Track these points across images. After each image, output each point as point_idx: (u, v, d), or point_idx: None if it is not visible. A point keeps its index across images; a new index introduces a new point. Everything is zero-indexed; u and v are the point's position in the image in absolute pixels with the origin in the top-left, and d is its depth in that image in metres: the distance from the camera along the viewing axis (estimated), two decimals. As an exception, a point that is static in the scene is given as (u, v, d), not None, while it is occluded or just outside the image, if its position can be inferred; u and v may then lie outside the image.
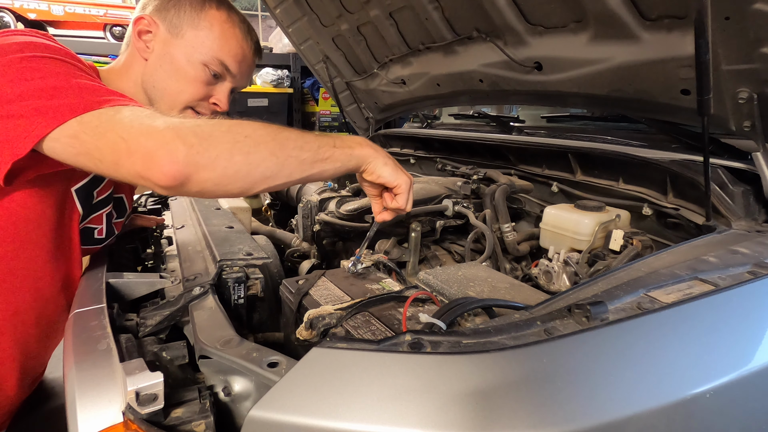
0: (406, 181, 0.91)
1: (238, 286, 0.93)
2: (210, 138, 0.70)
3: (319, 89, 3.95)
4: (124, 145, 0.68)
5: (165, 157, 0.67)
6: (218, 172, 0.70)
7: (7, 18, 4.27)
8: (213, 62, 1.03)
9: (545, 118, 2.11)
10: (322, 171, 0.80)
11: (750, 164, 1.08)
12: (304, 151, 0.78)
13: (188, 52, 1.02)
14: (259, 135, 0.74)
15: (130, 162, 0.68)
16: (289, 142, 0.77)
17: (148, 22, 1.01)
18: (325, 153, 0.80)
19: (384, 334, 0.72)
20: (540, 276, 1.15)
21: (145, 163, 0.68)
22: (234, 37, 1.05)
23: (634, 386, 0.56)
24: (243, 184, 0.74)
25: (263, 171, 0.74)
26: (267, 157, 0.74)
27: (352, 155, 0.85)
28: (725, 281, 0.72)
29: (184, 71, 1.02)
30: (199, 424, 0.57)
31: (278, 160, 0.75)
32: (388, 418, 0.50)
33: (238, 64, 1.07)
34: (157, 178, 0.68)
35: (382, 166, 0.88)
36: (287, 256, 1.41)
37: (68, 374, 0.66)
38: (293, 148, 0.77)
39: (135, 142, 0.68)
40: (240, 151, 0.72)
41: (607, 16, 1.16)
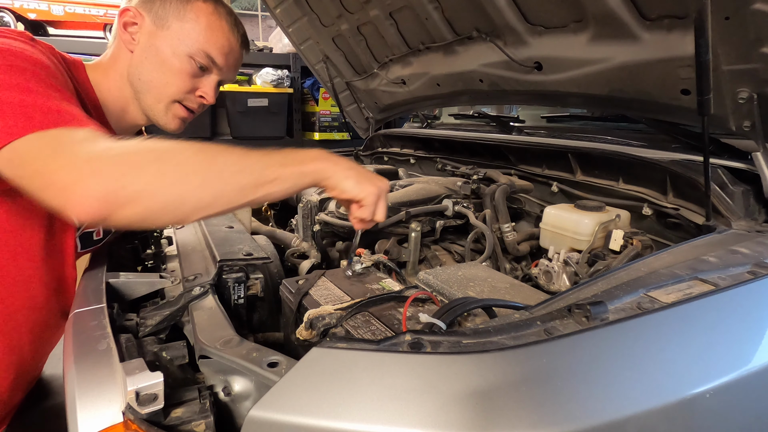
0: (372, 192, 0.83)
1: (238, 286, 0.93)
2: (134, 170, 0.66)
3: (319, 89, 3.94)
4: (45, 178, 0.66)
5: (82, 194, 0.64)
6: (143, 205, 0.66)
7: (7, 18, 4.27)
8: (199, 54, 1.02)
9: (545, 118, 2.11)
10: (267, 194, 0.74)
11: (750, 164, 1.08)
12: (245, 175, 0.72)
13: (174, 44, 1.00)
14: (192, 163, 0.69)
15: (50, 195, 0.66)
16: (227, 167, 0.71)
17: (133, 14, 1.00)
18: (270, 174, 0.73)
19: (384, 334, 0.72)
20: (540, 276, 1.15)
21: (63, 199, 0.65)
22: (220, 30, 1.04)
23: (634, 386, 0.56)
24: (175, 215, 0.70)
25: (196, 202, 0.69)
26: (199, 187, 0.68)
27: (303, 173, 0.77)
28: (725, 281, 0.72)
29: (170, 63, 1.01)
30: (199, 424, 0.57)
31: (213, 189, 0.69)
32: (388, 418, 0.50)
33: (225, 56, 1.06)
34: (75, 213, 0.65)
35: (342, 180, 0.80)
36: (287, 256, 1.41)
37: (68, 374, 0.66)
38: (232, 174, 0.71)
39: (54, 176, 0.65)
40: (167, 183, 0.67)
41: (607, 16, 1.16)
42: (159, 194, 0.67)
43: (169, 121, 1.09)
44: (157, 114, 1.07)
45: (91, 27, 4.74)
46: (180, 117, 1.09)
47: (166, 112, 1.07)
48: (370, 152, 2.40)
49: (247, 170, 0.72)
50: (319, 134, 4.07)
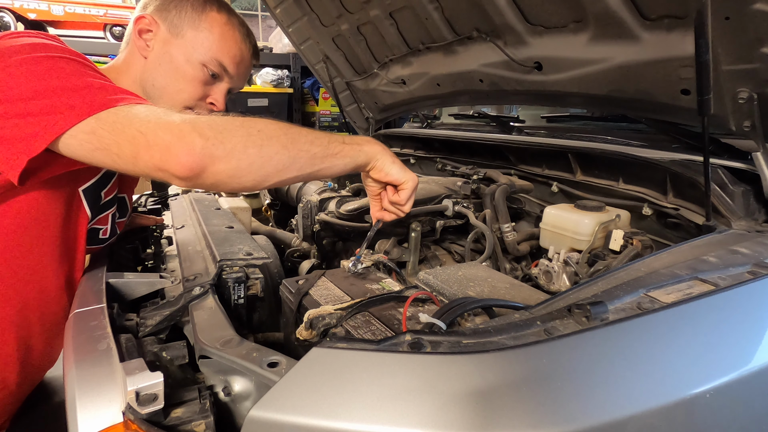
0: (414, 179, 0.93)
1: (238, 286, 0.93)
2: (225, 131, 0.72)
3: (319, 89, 3.95)
4: (143, 139, 0.70)
5: (182, 149, 0.69)
6: (233, 164, 0.72)
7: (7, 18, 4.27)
8: (212, 63, 1.05)
9: (545, 118, 2.11)
10: (331, 166, 0.83)
11: (750, 164, 1.08)
12: (315, 145, 0.80)
13: (188, 52, 1.03)
14: (271, 129, 0.77)
15: (148, 155, 0.70)
16: (300, 136, 0.79)
17: (149, 21, 1.03)
18: (335, 148, 0.82)
19: (384, 334, 0.72)
20: (540, 276, 1.15)
21: (163, 155, 0.70)
22: (233, 40, 1.07)
23: (634, 386, 0.56)
24: (256, 177, 0.76)
25: (276, 164, 0.76)
26: (279, 151, 0.76)
27: (361, 151, 0.87)
28: (725, 281, 0.72)
29: (183, 71, 1.04)
30: (199, 424, 0.57)
31: (290, 153, 0.77)
32: (388, 418, 0.50)
33: (236, 65, 1.09)
34: (175, 169, 0.70)
35: (390, 164, 0.90)
36: (287, 256, 1.42)
37: (68, 374, 0.66)
38: (304, 143, 0.79)
39: (153, 135, 0.70)
40: (254, 144, 0.74)
41: (607, 16, 1.16)
42: (247, 153, 0.73)
43: None
44: None
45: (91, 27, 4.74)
46: None
47: None
48: (370, 152, 2.40)
49: (317, 141, 0.80)
50: (319, 134, 4.08)
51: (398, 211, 0.99)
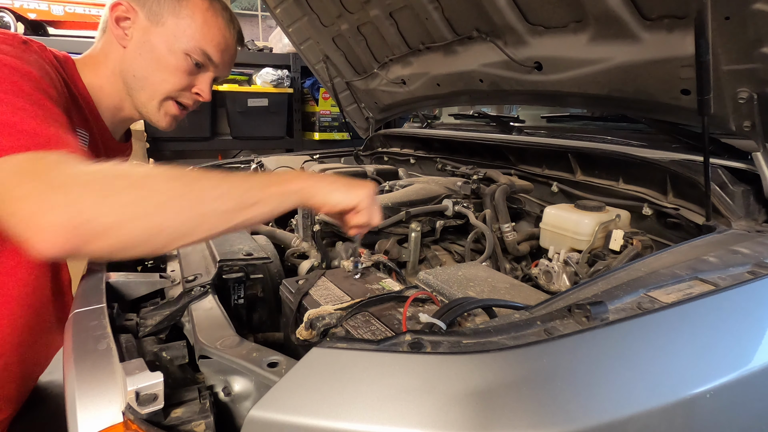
0: (365, 195, 0.79)
1: (238, 286, 0.93)
2: (105, 201, 0.61)
3: (319, 89, 3.94)
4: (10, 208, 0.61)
5: (49, 227, 0.58)
6: (114, 240, 0.61)
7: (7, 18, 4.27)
8: (195, 52, 1.01)
9: (545, 118, 2.11)
10: (253, 216, 0.70)
11: (750, 164, 1.08)
12: (226, 200, 0.68)
13: (169, 40, 0.99)
14: (170, 189, 0.65)
15: (15, 226, 0.60)
16: (206, 192, 0.67)
17: (125, 8, 0.98)
18: (251, 198, 0.70)
19: (384, 334, 0.72)
20: (540, 276, 1.15)
21: (28, 231, 0.59)
22: (216, 26, 1.03)
23: (634, 386, 0.56)
24: (150, 248, 0.66)
25: (174, 231, 0.64)
26: (177, 215, 0.64)
27: (286, 193, 0.73)
28: (725, 281, 0.72)
29: (166, 60, 1.00)
30: (199, 424, 0.57)
31: (190, 217, 0.65)
32: (388, 418, 0.50)
33: (221, 53, 1.05)
34: (41, 247, 0.59)
35: (330, 193, 0.77)
36: (287, 256, 1.41)
37: (68, 374, 0.66)
38: (212, 199, 0.67)
39: (19, 206, 0.60)
40: (143, 212, 0.62)
41: (607, 16, 1.16)
42: (133, 225, 0.62)
43: (161, 118, 1.08)
44: (150, 111, 1.06)
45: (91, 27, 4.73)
46: (172, 114, 1.09)
47: (158, 109, 1.07)
48: (370, 152, 2.40)
49: (227, 195, 0.68)
50: (319, 134, 4.07)
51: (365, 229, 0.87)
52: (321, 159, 2.23)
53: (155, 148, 3.50)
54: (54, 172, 0.63)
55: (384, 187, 1.56)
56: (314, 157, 2.19)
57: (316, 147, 3.91)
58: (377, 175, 1.81)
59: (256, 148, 3.90)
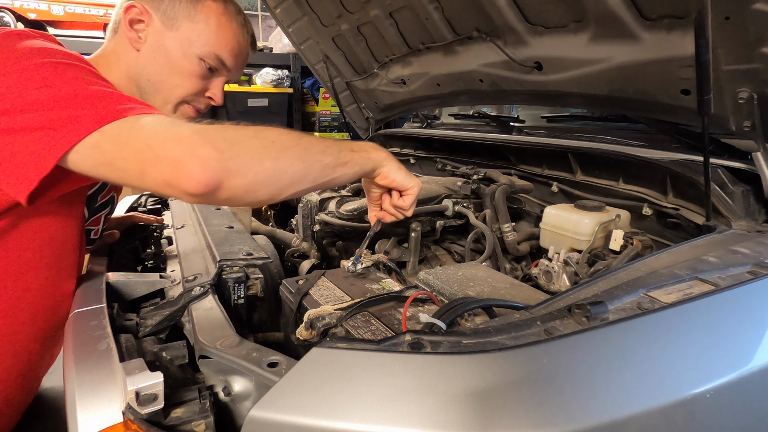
0: (418, 184, 0.93)
1: (238, 286, 0.93)
2: (239, 143, 0.68)
3: (319, 89, 3.94)
4: (151, 153, 0.65)
5: (195, 164, 0.64)
6: (249, 178, 0.68)
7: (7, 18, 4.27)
8: (209, 57, 1.00)
9: (545, 118, 2.11)
10: (342, 175, 0.81)
11: (750, 164, 1.08)
12: (326, 155, 0.77)
13: (184, 45, 0.98)
14: (285, 140, 0.73)
15: (157, 170, 0.65)
16: (312, 146, 0.76)
17: (140, 11, 0.97)
18: (345, 157, 0.80)
19: (384, 334, 0.72)
20: (540, 276, 1.15)
21: (174, 171, 0.65)
22: (231, 31, 1.02)
23: (634, 386, 0.56)
24: (272, 190, 0.72)
25: (291, 176, 0.73)
26: (294, 162, 0.73)
27: (369, 158, 0.86)
28: (725, 281, 0.72)
29: (180, 65, 0.99)
30: (199, 424, 0.57)
31: (304, 164, 0.74)
32: (388, 418, 0.50)
33: (235, 57, 1.05)
34: (187, 185, 0.65)
35: (396, 170, 0.90)
36: (287, 256, 1.41)
37: (68, 374, 0.66)
38: (317, 153, 0.76)
39: (162, 149, 0.65)
40: (269, 156, 0.70)
41: (607, 16, 1.16)
42: (263, 166, 0.69)
43: None
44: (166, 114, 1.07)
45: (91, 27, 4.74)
46: (188, 117, 1.08)
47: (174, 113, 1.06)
48: (370, 152, 2.40)
49: (328, 151, 0.78)
50: (319, 134, 4.08)
51: (399, 214, 0.99)
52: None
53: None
54: (182, 124, 0.69)
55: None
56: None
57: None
58: (377, 175, 1.81)
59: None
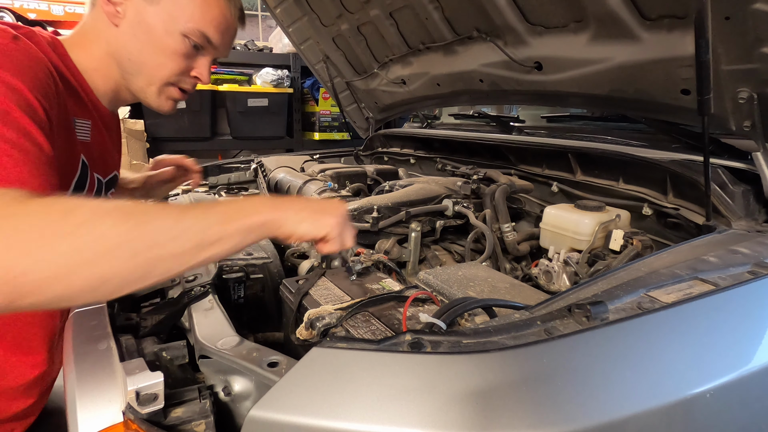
0: (333, 224, 0.75)
1: (238, 286, 0.93)
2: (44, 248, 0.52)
3: (319, 89, 3.94)
4: None
5: None
6: (54, 293, 0.53)
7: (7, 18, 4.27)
8: (194, 34, 0.93)
9: (545, 118, 2.11)
10: (212, 255, 0.63)
11: (750, 164, 1.08)
12: (184, 240, 0.60)
13: (166, 21, 0.91)
14: (118, 235, 0.56)
15: None
16: (160, 234, 0.59)
17: None
18: (213, 234, 0.63)
19: (384, 333, 0.72)
20: (540, 276, 1.15)
21: None
22: (217, 5, 0.95)
23: (634, 386, 0.56)
24: (96, 296, 0.58)
25: (122, 279, 0.57)
26: (127, 262, 0.56)
27: (251, 227, 0.67)
28: (725, 281, 0.72)
29: (163, 43, 0.92)
30: (199, 424, 0.58)
31: (145, 261, 0.57)
32: (388, 418, 0.50)
33: (221, 34, 0.97)
34: None
35: (297, 224, 0.72)
36: (287, 256, 1.41)
37: (68, 374, 0.66)
38: (167, 242, 0.59)
39: None
40: (86, 263, 0.54)
41: (607, 16, 1.16)
42: (73, 276, 0.53)
43: (162, 103, 1.02)
44: (149, 96, 1.01)
45: (91, 27, 4.74)
46: (174, 98, 1.04)
47: (159, 95, 1.01)
48: (370, 152, 2.40)
49: (185, 235, 0.61)
50: (319, 134, 4.08)
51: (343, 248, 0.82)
52: (321, 159, 2.23)
53: (155, 149, 3.50)
54: None
55: (384, 187, 1.56)
56: (314, 157, 2.19)
57: (316, 147, 3.92)
58: (377, 175, 1.81)
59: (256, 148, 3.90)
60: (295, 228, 0.71)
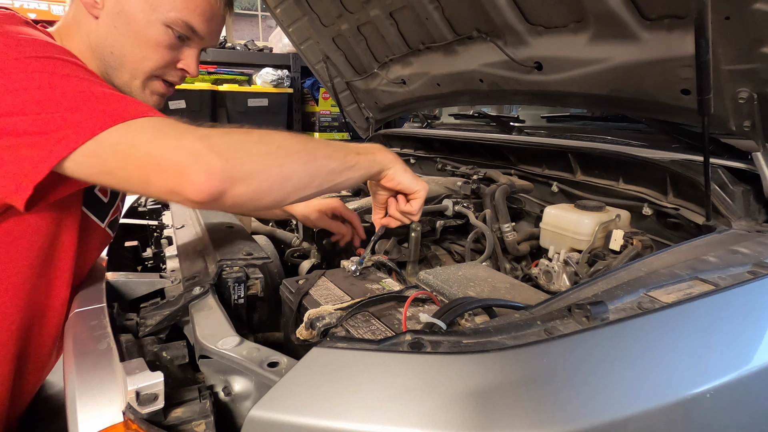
0: (425, 187, 0.91)
1: (238, 286, 0.93)
2: (243, 150, 0.68)
3: (319, 89, 3.94)
4: (153, 162, 0.65)
5: (200, 173, 0.64)
6: (254, 185, 0.68)
7: (7, 18, 4.28)
8: (177, 24, 0.88)
9: (545, 118, 2.11)
10: (348, 179, 0.80)
11: (750, 164, 1.08)
12: (332, 160, 0.77)
13: (146, 11, 0.86)
14: (290, 144, 0.73)
15: (161, 179, 0.65)
16: (317, 151, 0.76)
17: None
18: (350, 161, 0.80)
19: (384, 333, 0.72)
20: (540, 276, 1.15)
21: (179, 180, 0.64)
22: None
23: (634, 386, 0.56)
24: (276, 197, 0.72)
25: (296, 182, 0.72)
26: (299, 168, 0.73)
27: (375, 161, 0.84)
28: (725, 281, 0.72)
29: (145, 35, 0.88)
30: (200, 424, 0.58)
31: (309, 170, 0.74)
32: (388, 418, 0.50)
33: (207, 23, 0.92)
34: (192, 194, 0.65)
35: (402, 173, 0.88)
36: (287, 256, 1.41)
37: (68, 374, 0.66)
38: (322, 158, 0.76)
39: (165, 158, 0.64)
40: (274, 163, 0.70)
41: (607, 16, 1.16)
42: (268, 174, 0.69)
43: (148, 98, 0.98)
44: (134, 91, 0.96)
45: (91, 27, 4.74)
46: (159, 93, 0.99)
47: (143, 89, 0.96)
48: (370, 152, 2.40)
49: (334, 155, 0.77)
50: (319, 134, 4.08)
51: (405, 219, 0.97)
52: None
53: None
54: (185, 130, 0.67)
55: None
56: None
57: (316, 147, 3.90)
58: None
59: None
60: (399, 174, 0.88)
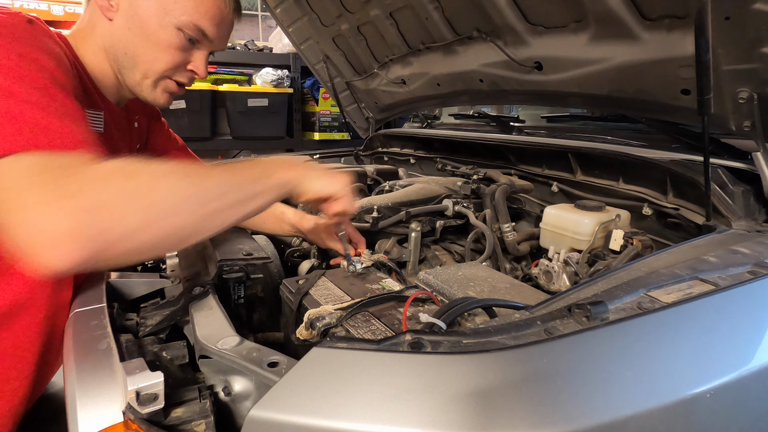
0: (343, 183, 0.86)
1: (238, 286, 0.93)
2: (124, 205, 0.59)
3: (319, 89, 3.94)
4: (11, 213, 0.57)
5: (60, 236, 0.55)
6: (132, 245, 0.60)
7: (7, 18, 4.28)
8: (188, 27, 0.93)
9: (545, 118, 2.11)
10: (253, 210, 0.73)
11: (750, 164, 1.08)
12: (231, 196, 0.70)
13: (159, 14, 0.91)
14: (181, 190, 0.65)
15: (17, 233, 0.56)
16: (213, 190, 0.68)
17: None
18: (253, 190, 0.73)
19: (384, 333, 0.72)
20: (540, 276, 1.15)
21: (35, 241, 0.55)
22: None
23: (634, 386, 0.56)
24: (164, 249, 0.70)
25: (187, 231, 0.66)
26: (190, 216, 0.65)
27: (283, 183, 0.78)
28: (725, 281, 0.72)
29: (157, 37, 0.92)
30: (200, 424, 0.58)
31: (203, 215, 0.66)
32: (388, 418, 0.50)
33: (216, 27, 0.96)
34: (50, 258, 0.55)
35: (313, 181, 0.82)
36: (287, 256, 1.41)
37: (68, 374, 0.66)
38: (219, 197, 0.68)
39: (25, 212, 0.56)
40: (159, 217, 0.62)
41: (607, 16, 1.16)
42: (150, 229, 0.61)
43: (158, 96, 1.02)
44: (145, 90, 1.00)
45: (91, 27, 4.74)
46: (170, 91, 1.03)
47: (154, 88, 1.00)
48: (370, 152, 2.40)
49: (232, 191, 0.70)
50: (319, 134, 4.07)
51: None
52: (321, 159, 2.23)
53: (155, 148, 3.49)
54: (65, 178, 0.59)
55: (384, 187, 1.56)
56: (314, 157, 2.19)
57: (316, 147, 3.91)
58: (377, 175, 1.81)
59: (256, 148, 3.90)
60: (311, 185, 0.82)
